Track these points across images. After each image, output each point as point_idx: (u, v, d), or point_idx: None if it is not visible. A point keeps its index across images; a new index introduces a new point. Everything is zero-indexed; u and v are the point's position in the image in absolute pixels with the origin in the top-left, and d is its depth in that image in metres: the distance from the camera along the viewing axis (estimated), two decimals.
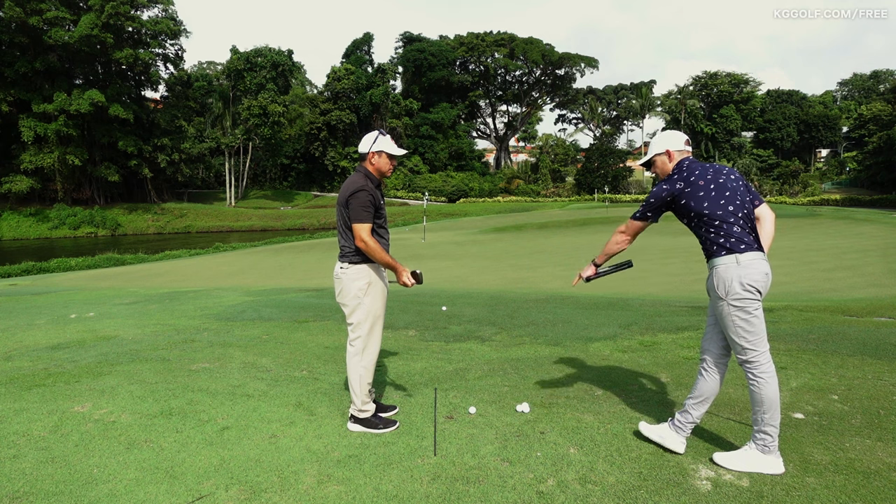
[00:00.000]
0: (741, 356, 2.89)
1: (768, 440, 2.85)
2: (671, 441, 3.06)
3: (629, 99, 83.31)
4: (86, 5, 50.25)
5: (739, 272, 2.82)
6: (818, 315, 6.42)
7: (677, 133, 3.18)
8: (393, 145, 3.48)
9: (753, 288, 2.81)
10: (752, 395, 2.88)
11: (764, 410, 2.84)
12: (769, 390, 2.83)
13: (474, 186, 66.27)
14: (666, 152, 3.13)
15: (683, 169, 3.06)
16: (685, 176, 3.02)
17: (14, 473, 2.97)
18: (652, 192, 3.09)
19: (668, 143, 3.14)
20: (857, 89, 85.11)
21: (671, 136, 3.16)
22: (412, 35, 75.65)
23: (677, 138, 3.15)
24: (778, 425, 2.86)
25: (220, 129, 64.45)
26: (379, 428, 3.43)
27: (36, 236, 47.86)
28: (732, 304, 2.84)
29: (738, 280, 2.82)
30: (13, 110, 48.78)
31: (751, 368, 2.87)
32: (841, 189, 63.34)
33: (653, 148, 3.19)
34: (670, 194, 3.01)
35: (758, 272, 2.83)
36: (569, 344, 5.48)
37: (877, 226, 23.59)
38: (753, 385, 2.86)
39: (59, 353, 5.54)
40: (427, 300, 8.32)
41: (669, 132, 3.19)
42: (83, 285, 14.26)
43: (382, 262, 3.38)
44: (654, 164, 3.19)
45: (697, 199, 2.94)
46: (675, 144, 3.13)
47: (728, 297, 2.84)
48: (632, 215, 3.17)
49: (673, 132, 3.18)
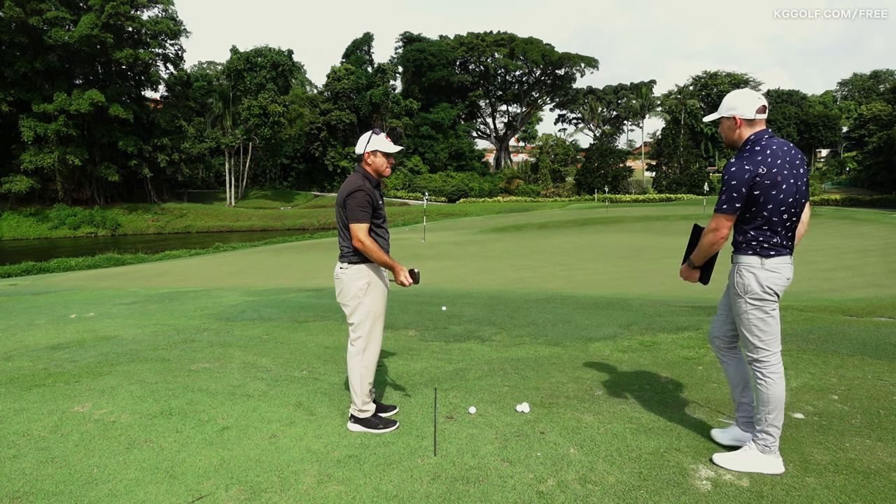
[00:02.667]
0: (752, 354, 2.88)
1: (769, 440, 2.84)
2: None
3: (629, 99, 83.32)
4: (86, 5, 50.24)
5: (762, 274, 2.76)
6: (818, 315, 6.42)
7: (751, 95, 2.76)
8: (387, 143, 3.48)
9: (772, 291, 2.78)
10: (759, 395, 2.86)
11: (769, 410, 2.83)
12: (776, 390, 2.82)
13: (474, 186, 66.27)
14: (733, 119, 2.76)
15: (767, 151, 2.69)
16: (769, 161, 2.66)
17: (14, 473, 2.97)
18: (731, 174, 2.68)
19: (736, 106, 2.74)
20: (857, 89, 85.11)
21: (743, 99, 2.75)
22: (412, 35, 75.64)
23: (749, 103, 2.73)
24: (780, 426, 2.86)
25: (220, 129, 64.45)
26: (379, 428, 3.43)
27: (36, 236, 47.84)
28: (750, 303, 2.81)
29: (759, 282, 2.77)
30: (13, 110, 48.77)
31: (760, 367, 2.86)
32: (841, 189, 63.33)
33: (722, 107, 2.81)
34: (752, 178, 2.64)
35: (780, 277, 2.77)
36: (569, 344, 5.48)
37: (877, 226, 23.59)
38: (762, 384, 2.85)
39: (59, 353, 5.54)
40: (427, 300, 8.32)
41: (743, 92, 2.78)
42: (83, 285, 14.26)
43: (380, 261, 3.38)
44: (721, 126, 2.87)
45: (769, 197, 2.66)
46: (744, 110, 2.73)
47: (746, 296, 2.81)
48: (719, 208, 2.74)
49: (747, 92, 2.77)
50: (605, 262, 15.18)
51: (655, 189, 67.43)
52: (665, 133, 70.66)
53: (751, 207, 2.72)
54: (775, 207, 2.70)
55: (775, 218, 2.72)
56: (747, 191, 2.68)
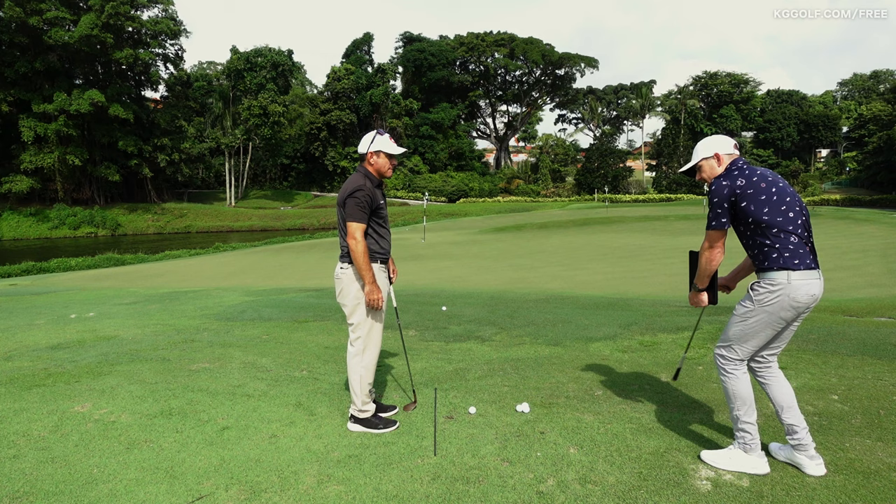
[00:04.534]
0: (722, 349, 2.91)
1: (748, 438, 2.86)
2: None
3: (629, 99, 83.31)
4: (86, 5, 50.24)
5: (787, 292, 2.72)
6: (818, 315, 6.42)
7: (725, 137, 2.98)
8: (391, 144, 3.48)
9: (793, 309, 2.74)
10: (725, 390, 2.91)
11: (737, 407, 2.86)
12: (740, 387, 2.85)
13: (474, 186, 66.26)
14: (714, 156, 2.94)
15: (743, 167, 2.84)
16: (746, 174, 2.80)
17: (14, 473, 2.97)
18: (713, 192, 2.83)
19: (716, 146, 2.95)
20: (857, 89, 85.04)
21: (719, 140, 2.96)
22: (412, 35, 75.63)
23: (726, 141, 2.95)
24: (755, 423, 2.86)
25: (220, 129, 64.42)
26: (379, 428, 3.43)
27: (36, 236, 47.84)
28: (760, 308, 2.78)
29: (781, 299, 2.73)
30: (13, 110, 48.76)
31: (723, 364, 2.91)
32: (841, 189, 63.32)
33: (698, 152, 2.99)
34: (732, 192, 2.77)
35: (805, 294, 2.72)
36: (569, 344, 5.48)
37: (877, 226, 23.58)
38: (724, 379, 2.90)
39: (59, 353, 5.54)
40: (427, 300, 8.32)
41: (716, 136, 3.01)
42: (83, 285, 14.26)
43: (362, 265, 3.30)
44: (702, 170, 2.99)
45: (758, 203, 2.74)
46: (723, 147, 2.93)
47: (758, 306, 2.78)
48: (708, 226, 2.87)
49: (720, 136, 3.00)
50: (605, 262, 15.18)
51: (655, 189, 67.45)
52: (665, 133, 70.66)
53: (746, 219, 2.78)
54: (772, 214, 2.72)
55: (779, 219, 2.72)
56: (730, 205, 2.79)
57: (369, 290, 3.34)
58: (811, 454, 2.82)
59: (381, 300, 3.38)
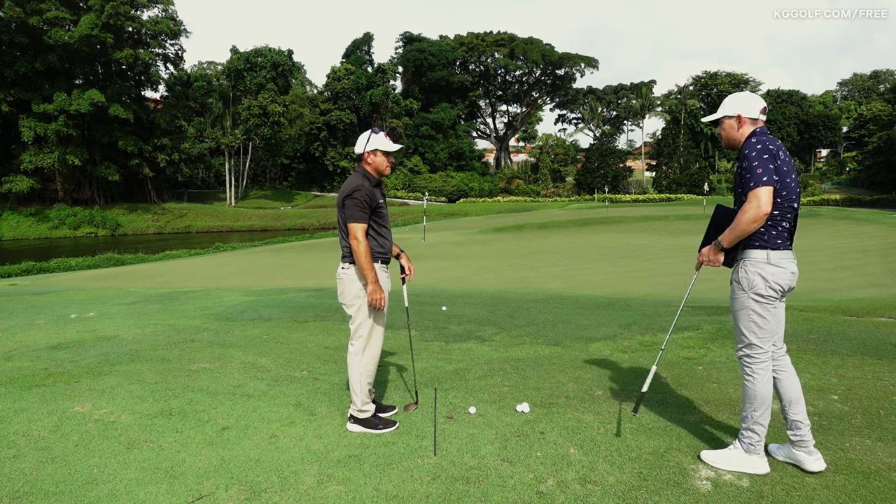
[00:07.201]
0: (743, 350, 2.88)
1: (755, 439, 2.85)
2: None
3: (629, 99, 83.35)
4: (86, 5, 50.25)
5: (768, 270, 2.76)
6: (818, 315, 6.41)
7: (753, 96, 2.86)
8: (387, 142, 3.48)
9: (778, 286, 2.77)
10: (746, 391, 2.87)
11: (755, 408, 2.84)
12: (763, 388, 2.82)
13: (474, 186, 66.26)
14: (737, 117, 2.83)
15: (766, 140, 2.74)
16: (778, 144, 2.74)
17: (14, 473, 2.97)
18: (759, 149, 2.70)
19: (741, 106, 2.82)
20: (857, 89, 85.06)
21: (746, 100, 2.85)
22: (412, 35, 75.63)
23: (753, 102, 2.83)
24: (766, 425, 2.85)
25: (220, 129, 64.43)
26: (379, 428, 3.43)
27: (36, 236, 47.85)
28: (753, 299, 2.80)
29: (764, 277, 2.76)
30: (13, 110, 48.77)
31: (749, 363, 2.86)
32: (841, 189, 63.33)
33: (725, 107, 2.88)
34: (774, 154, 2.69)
35: (786, 272, 2.77)
36: (569, 344, 5.48)
37: (877, 226, 23.56)
38: (749, 380, 2.85)
39: (59, 353, 5.54)
40: (427, 300, 8.32)
41: (746, 94, 2.89)
42: (83, 285, 14.26)
43: (364, 265, 3.31)
44: (721, 126, 2.91)
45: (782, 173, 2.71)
46: (748, 110, 2.81)
47: (750, 291, 2.80)
48: (758, 183, 2.64)
49: (750, 95, 2.88)
50: (605, 262, 15.18)
51: (655, 189, 67.43)
52: (665, 133, 70.64)
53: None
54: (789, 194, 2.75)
55: (790, 195, 2.76)
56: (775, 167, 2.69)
57: (371, 290, 3.34)
58: (810, 450, 2.82)
59: (384, 300, 3.38)
